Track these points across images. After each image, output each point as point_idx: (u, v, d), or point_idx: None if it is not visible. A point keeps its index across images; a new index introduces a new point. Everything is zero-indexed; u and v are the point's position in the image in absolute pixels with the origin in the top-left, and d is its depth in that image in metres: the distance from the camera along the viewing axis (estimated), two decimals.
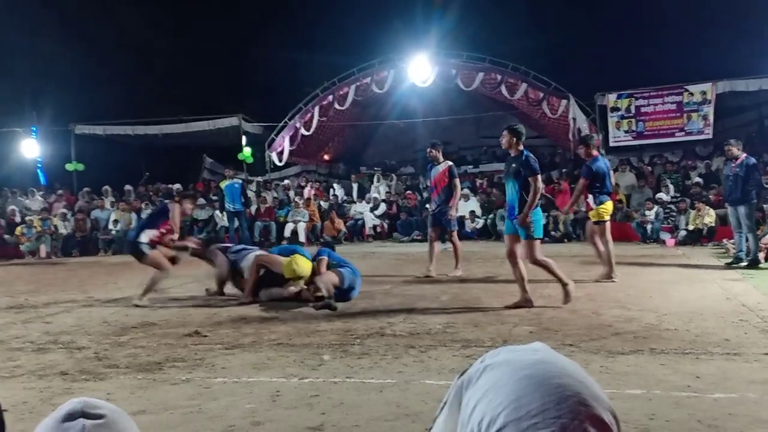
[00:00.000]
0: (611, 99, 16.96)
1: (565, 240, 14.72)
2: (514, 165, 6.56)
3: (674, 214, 14.19)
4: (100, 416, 1.02)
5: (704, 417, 3.26)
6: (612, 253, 8.27)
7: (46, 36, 23.26)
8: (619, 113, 16.94)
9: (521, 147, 6.57)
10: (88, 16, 24.83)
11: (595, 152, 8.61)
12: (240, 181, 15.82)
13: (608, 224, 8.48)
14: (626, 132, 16.92)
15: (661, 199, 14.75)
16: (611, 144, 17.08)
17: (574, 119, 16.93)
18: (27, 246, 15.63)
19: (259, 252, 7.98)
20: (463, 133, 22.66)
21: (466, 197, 16.57)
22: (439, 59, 17.96)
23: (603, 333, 5.18)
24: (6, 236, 16.12)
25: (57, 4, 23.90)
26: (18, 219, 16.35)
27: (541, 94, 17.59)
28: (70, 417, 1.01)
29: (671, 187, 15.62)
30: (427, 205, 12.13)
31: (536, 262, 6.49)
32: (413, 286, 8.22)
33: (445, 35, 20.89)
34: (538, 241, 6.53)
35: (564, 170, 18.16)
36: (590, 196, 8.40)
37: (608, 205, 8.44)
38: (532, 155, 6.56)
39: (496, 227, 15.81)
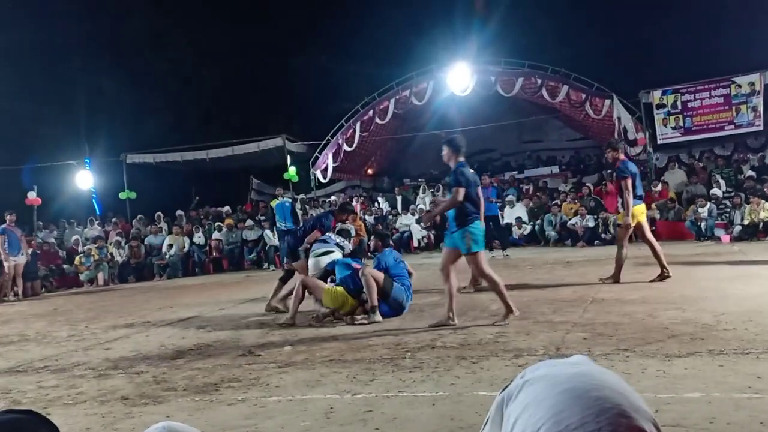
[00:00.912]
0: (656, 96, 16.63)
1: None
2: (448, 178, 6.50)
3: (728, 209, 13.79)
4: None
5: (767, 419, 3.16)
6: (624, 259, 8.16)
7: (98, 71, 24.14)
8: (666, 110, 16.60)
9: (460, 159, 6.46)
10: (136, 50, 25.65)
11: (622, 156, 8.43)
12: (290, 200, 16.06)
13: (629, 231, 8.25)
14: (674, 128, 16.56)
15: (714, 195, 14.36)
16: (659, 141, 16.74)
17: (619, 118, 16.68)
18: (86, 275, 16.15)
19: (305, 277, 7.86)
20: (506, 140, 22.54)
21: (511, 203, 16.45)
22: (477, 67, 17.94)
23: (658, 336, 5.07)
24: (65, 266, 16.69)
25: (108, 41, 24.79)
26: (80, 249, 16.93)
27: (584, 95, 17.38)
28: None
29: (722, 182, 15.20)
30: None
31: (484, 275, 6.33)
32: (461, 297, 8.17)
33: (483, 44, 20.88)
34: (481, 253, 6.33)
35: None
36: (619, 199, 8.22)
37: (639, 208, 8.23)
38: (462, 169, 6.37)
39: (544, 233, 15.63)
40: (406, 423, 3.58)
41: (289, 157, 19.33)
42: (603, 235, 14.55)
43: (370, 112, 19.25)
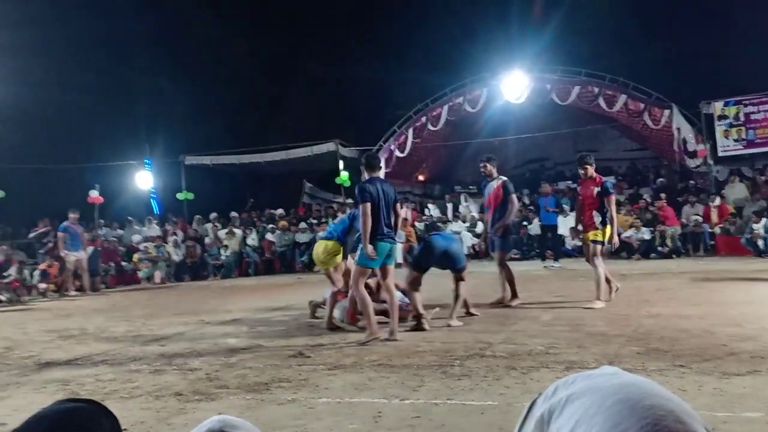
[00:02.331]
0: (718, 107, 16.18)
1: (674, 255, 14.07)
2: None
3: None
4: None
5: None
6: (602, 277, 7.83)
7: (158, 75, 24.89)
8: (727, 121, 16.13)
9: (366, 175, 6.50)
10: (195, 55, 26.35)
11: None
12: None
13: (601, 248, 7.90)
14: (735, 141, 16.08)
15: None
16: (720, 154, 16.27)
17: (679, 129, 16.27)
18: (144, 272, 16.62)
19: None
20: (560, 148, 22.23)
21: (565, 213, 16.22)
22: (532, 75, 17.78)
23: (717, 353, 4.93)
24: (123, 263, 17.22)
25: (167, 45, 25.53)
26: (140, 247, 17.45)
27: (642, 105, 17.03)
28: None
29: None
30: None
31: (356, 289, 6.38)
32: (508, 309, 8.10)
33: (539, 51, 20.65)
34: (364, 269, 6.38)
35: (661, 181, 17.46)
36: (597, 215, 7.88)
37: (609, 229, 7.90)
38: (362, 184, 6.37)
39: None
40: (454, 431, 3.57)
41: (341, 161, 19.50)
42: (660, 248, 14.21)
43: (423, 119, 19.27)
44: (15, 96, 19.74)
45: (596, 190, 7.95)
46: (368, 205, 6.18)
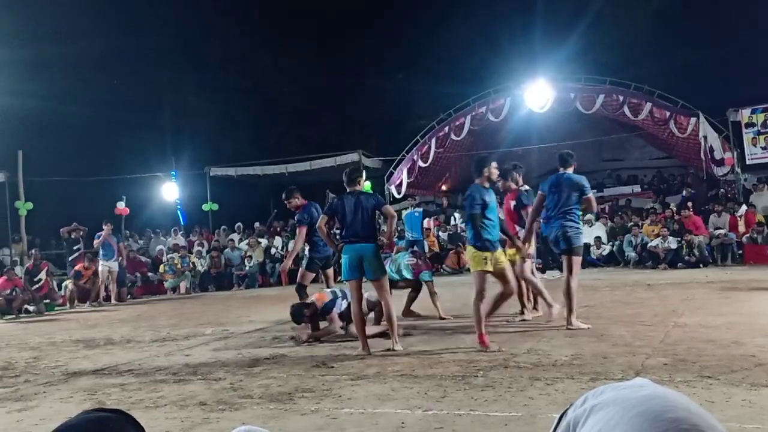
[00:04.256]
0: (745, 114, 15.97)
1: (701, 265, 13.86)
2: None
3: None
4: None
5: None
6: (524, 294, 7.67)
7: (183, 88, 25.24)
8: (755, 129, 15.91)
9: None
10: (220, 68, 26.67)
11: (514, 186, 7.92)
12: (420, 211, 16.25)
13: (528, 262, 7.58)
14: (764, 149, 15.85)
15: None
16: (748, 162, 16.04)
17: (705, 137, 16.07)
18: (169, 283, 16.80)
19: None
20: (584, 157, 21.91)
21: (590, 222, 16.07)
22: (556, 84, 17.70)
23: (745, 364, 4.84)
24: (150, 274, 17.42)
25: (191, 59, 25.90)
26: (164, 258, 17.64)
27: (668, 113, 16.86)
28: None
29: None
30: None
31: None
32: (535, 317, 8.04)
33: (563, 60, 20.58)
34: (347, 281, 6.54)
35: (693, 192, 17.21)
36: (520, 230, 7.54)
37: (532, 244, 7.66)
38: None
39: (624, 253, 15.18)
40: None
41: (364, 172, 19.55)
42: (687, 258, 14.01)
43: (446, 129, 19.27)
44: (44, 109, 20.19)
45: (512, 203, 7.81)
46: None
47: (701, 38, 23.11)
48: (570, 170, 7.23)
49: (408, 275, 8.50)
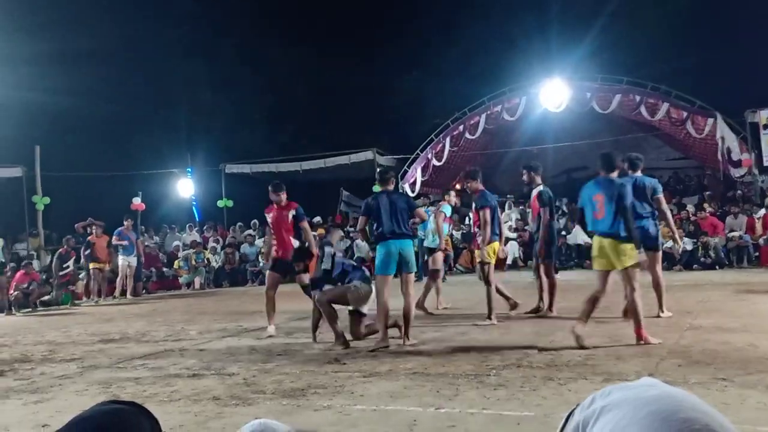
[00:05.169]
0: (763, 116, 15.79)
1: (717, 267, 13.74)
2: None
3: None
4: None
5: None
6: (492, 298, 7.66)
7: (198, 86, 25.36)
8: None
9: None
10: (234, 65, 26.76)
11: (481, 186, 7.96)
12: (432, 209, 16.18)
13: (492, 266, 7.74)
14: None
15: None
16: (765, 164, 15.87)
17: (723, 138, 15.90)
18: (184, 278, 16.91)
19: None
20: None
21: None
22: (572, 83, 17.60)
23: (760, 366, 4.80)
24: (164, 269, 17.53)
25: (206, 56, 26.01)
26: (180, 254, 17.75)
27: (685, 114, 16.70)
28: None
29: None
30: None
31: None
32: (547, 319, 8.01)
33: (579, 59, 20.44)
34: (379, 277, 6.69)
35: (710, 194, 17.05)
36: (479, 234, 7.66)
37: (495, 245, 7.73)
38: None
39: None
40: None
41: (378, 170, 19.56)
42: (702, 259, 13.89)
43: (461, 127, 19.22)
44: (62, 105, 20.34)
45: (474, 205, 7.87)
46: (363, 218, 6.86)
47: (720, 37, 22.87)
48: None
49: None
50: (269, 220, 8.08)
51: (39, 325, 10.54)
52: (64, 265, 14.41)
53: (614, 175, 6.35)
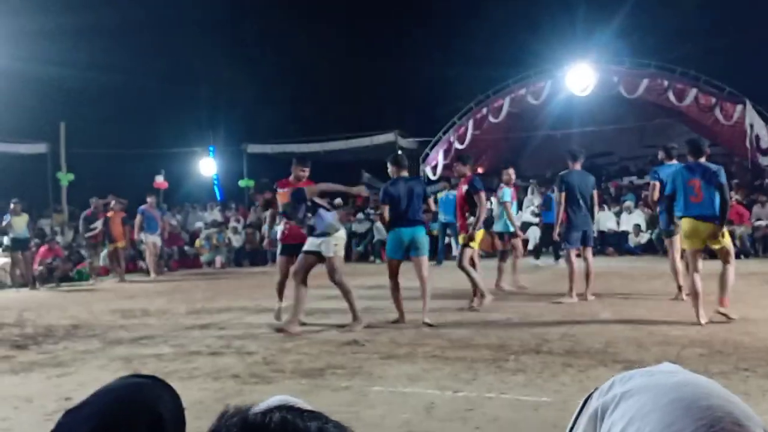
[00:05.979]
0: None
1: (742, 256, 13.53)
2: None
3: None
4: None
5: None
6: (478, 281, 7.67)
7: (221, 64, 25.39)
8: None
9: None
10: (258, 44, 26.75)
11: (469, 173, 7.97)
12: (455, 194, 16.11)
13: (476, 252, 7.87)
14: None
15: None
16: None
17: (752, 125, 15.60)
18: (205, 257, 17.05)
19: None
20: (626, 143, 21.63)
21: (629, 210, 15.81)
22: (599, 66, 17.33)
23: None
24: (186, 248, 17.68)
25: (230, 34, 26.02)
26: (201, 233, 17.89)
27: (713, 100, 16.39)
28: None
29: None
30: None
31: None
32: (571, 302, 7.95)
33: (606, 42, 20.08)
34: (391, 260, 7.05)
35: (737, 182, 16.74)
36: (470, 217, 7.67)
37: (481, 233, 7.78)
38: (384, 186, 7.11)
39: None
40: (508, 425, 3.54)
41: (400, 152, 19.50)
42: None
43: (484, 110, 19.06)
44: (86, 80, 20.46)
45: (464, 188, 7.82)
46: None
47: (750, 21, 22.34)
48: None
49: None
50: (280, 197, 7.43)
51: (62, 300, 10.71)
52: (91, 226, 14.51)
53: (703, 159, 6.42)
